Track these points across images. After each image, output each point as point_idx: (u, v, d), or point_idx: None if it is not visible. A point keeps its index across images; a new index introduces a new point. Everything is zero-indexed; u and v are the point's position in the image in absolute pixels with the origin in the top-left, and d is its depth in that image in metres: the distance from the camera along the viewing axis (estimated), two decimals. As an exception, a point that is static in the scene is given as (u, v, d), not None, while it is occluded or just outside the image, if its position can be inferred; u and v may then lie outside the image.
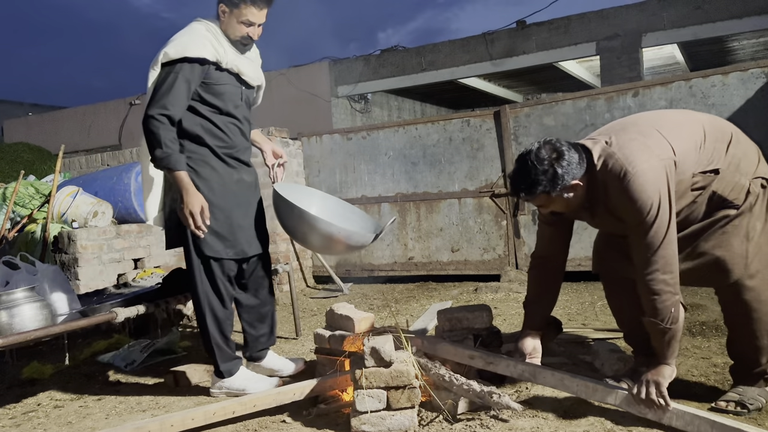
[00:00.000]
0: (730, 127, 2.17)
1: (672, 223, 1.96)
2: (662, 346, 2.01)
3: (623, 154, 2.01)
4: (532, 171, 2.03)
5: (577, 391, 2.12)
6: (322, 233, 2.63)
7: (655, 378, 2.00)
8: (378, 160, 6.20)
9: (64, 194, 4.91)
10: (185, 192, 2.49)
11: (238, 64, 2.66)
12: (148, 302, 3.00)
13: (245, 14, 2.58)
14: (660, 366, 2.02)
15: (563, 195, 2.07)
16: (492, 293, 4.97)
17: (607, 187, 2.05)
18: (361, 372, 2.18)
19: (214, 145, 2.65)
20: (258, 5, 2.59)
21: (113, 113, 14.28)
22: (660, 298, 1.96)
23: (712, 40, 9.91)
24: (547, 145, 2.06)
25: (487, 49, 10.71)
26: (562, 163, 2.02)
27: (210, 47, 2.57)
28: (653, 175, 1.95)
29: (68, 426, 2.60)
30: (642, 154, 1.99)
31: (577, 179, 2.05)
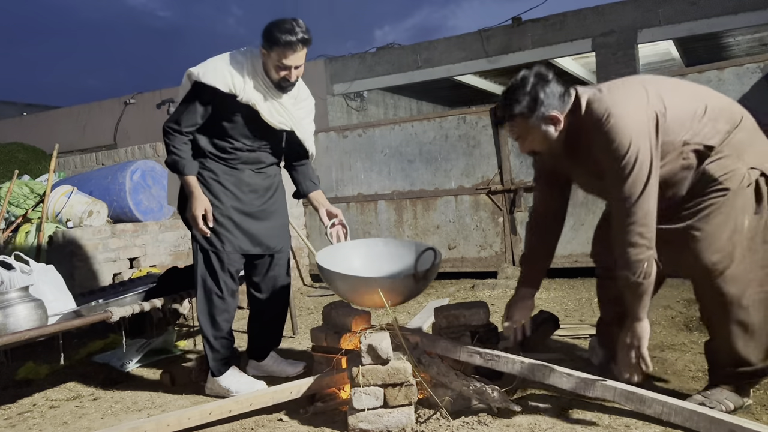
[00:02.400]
0: (742, 112, 2.11)
1: (653, 176, 1.92)
2: (634, 300, 1.99)
3: (610, 98, 1.99)
4: (516, 92, 2.03)
5: (576, 387, 2.11)
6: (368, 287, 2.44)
7: (634, 341, 1.99)
8: (374, 157, 6.19)
9: (58, 194, 4.89)
10: (191, 195, 2.63)
11: (258, 102, 2.61)
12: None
13: (280, 58, 2.53)
14: (634, 325, 2.00)
15: (541, 126, 2.05)
16: (489, 290, 4.97)
17: (589, 131, 2.01)
18: (358, 369, 2.17)
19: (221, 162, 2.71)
20: (293, 48, 2.51)
21: (108, 112, 14.22)
22: (634, 250, 1.93)
23: (708, 36, 9.91)
24: (536, 71, 2.06)
25: (483, 46, 10.70)
26: (546, 89, 2.01)
27: (227, 78, 2.55)
28: (636, 119, 1.93)
29: (64, 426, 2.58)
30: (628, 99, 1.97)
31: (558, 112, 2.04)
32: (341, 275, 2.47)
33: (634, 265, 1.94)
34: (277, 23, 2.51)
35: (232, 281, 2.75)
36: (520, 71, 2.08)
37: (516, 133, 2.12)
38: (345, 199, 6.35)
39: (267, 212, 2.82)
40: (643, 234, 1.92)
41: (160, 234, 5.16)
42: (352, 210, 6.34)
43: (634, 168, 1.91)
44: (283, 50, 2.50)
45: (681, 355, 2.81)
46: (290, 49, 2.51)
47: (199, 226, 2.62)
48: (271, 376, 2.92)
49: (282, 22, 2.50)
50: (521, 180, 5.52)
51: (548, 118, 2.03)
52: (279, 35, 2.47)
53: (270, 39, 2.50)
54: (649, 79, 2.12)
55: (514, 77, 2.09)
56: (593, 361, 2.67)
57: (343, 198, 6.36)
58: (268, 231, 2.81)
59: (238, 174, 2.71)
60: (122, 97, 14.18)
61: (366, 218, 6.28)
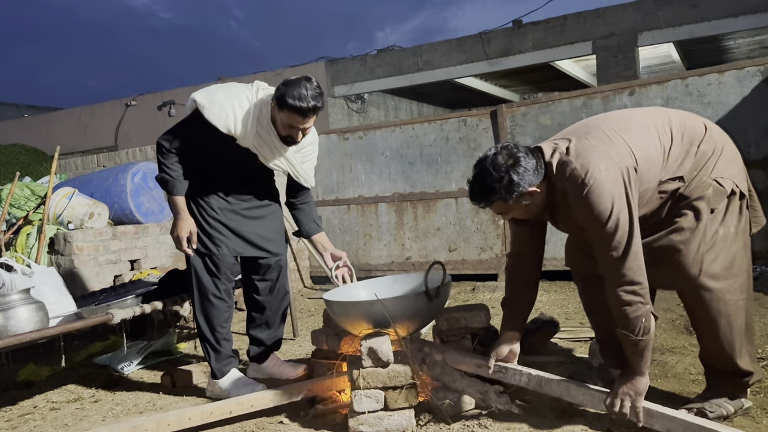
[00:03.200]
0: (702, 124, 2.11)
1: (635, 233, 1.92)
2: (635, 357, 1.97)
3: (580, 163, 1.97)
4: (488, 178, 2.01)
5: (583, 400, 2.10)
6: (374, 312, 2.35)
7: (631, 392, 1.96)
8: (375, 160, 6.20)
9: (59, 196, 4.89)
10: (177, 216, 2.66)
11: (257, 147, 2.59)
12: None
13: (287, 119, 2.49)
14: (635, 378, 1.97)
15: (521, 202, 2.05)
16: (489, 292, 4.97)
17: (566, 194, 2.02)
18: (359, 372, 2.18)
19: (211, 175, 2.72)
20: (303, 115, 2.47)
21: (109, 114, 14.24)
22: (630, 308, 1.92)
23: (708, 38, 9.92)
24: (503, 150, 2.03)
25: (484, 49, 10.71)
26: (519, 170, 1.99)
27: (229, 121, 2.52)
28: (611, 185, 1.92)
29: (64, 428, 2.59)
30: (600, 162, 1.95)
31: (534, 186, 2.02)
32: (350, 303, 2.45)
33: (633, 323, 1.92)
34: (290, 85, 2.45)
35: (227, 283, 2.76)
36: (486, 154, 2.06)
37: (496, 212, 2.14)
38: (345, 201, 6.36)
39: (259, 214, 2.82)
40: (636, 291, 1.92)
41: (161, 236, 5.17)
42: (352, 212, 6.35)
43: (617, 231, 1.91)
44: (293, 115, 2.46)
45: (681, 358, 2.81)
46: (300, 115, 2.46)
47: (183, 248, 2.65)
48: (272, 378, 2.92)
49: (295, 86, 2.44)
50: (522, 182, 5.52)
51: (526, 195, 2.04)
52: (290, 101, 2.42)
53: (281, 101, 2.46)
54: (610, 126, 2.09)
55: (482, 161, 2.06)
56: (593, 364, 2.67)
57: (344, 200, 6.37)
58: (261, 233, 2.81)
59: (227, 183, 2.74)
60: (123, 99, 14.20)
61: (366, 220, 6.29)
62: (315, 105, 2.45)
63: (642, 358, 1.96)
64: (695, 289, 2.03)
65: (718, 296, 2.02)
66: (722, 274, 2.02)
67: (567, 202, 2.03)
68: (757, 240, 4.63)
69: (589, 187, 1.93)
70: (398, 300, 2.33)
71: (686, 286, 2.05)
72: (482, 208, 2.13)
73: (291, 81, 2.47)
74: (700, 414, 2.01)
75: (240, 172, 2.72)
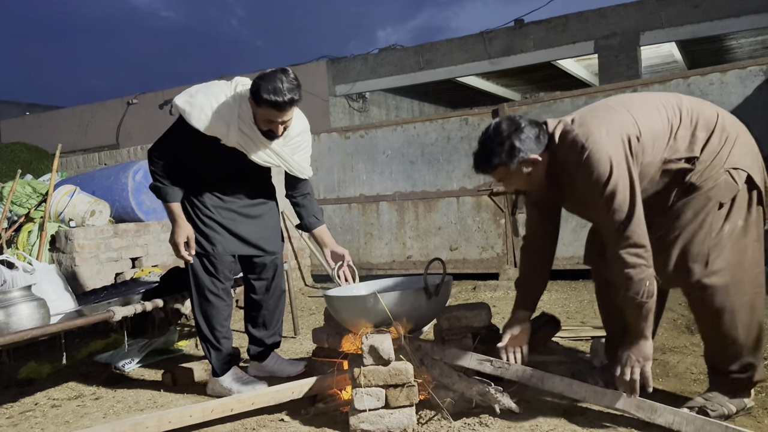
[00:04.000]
0: (717, 111, 2.10)
1: (637, 198, 1.93)
2: (640, 321, 1.98)
3: (582, 130, 2.00)
4: (491, 144, 2.06)
5: (585, 396, 2.10)
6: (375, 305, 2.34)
7: (639, 358, 1.97)
8: (376, 159, 6.19)
9: (61, 193, 4.90)
10: (174, 223, 2.66)
11: (243, 144, 2.56)
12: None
13: (267, 115, 2.45)
14: (640, 343, 1.99)
15: (522, 170, 2.07)
16: (491, 291, 4.97)
17: (568, 164, 2.03)
18: (360, 370, 2.17)
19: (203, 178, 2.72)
20: (280, 109, 2.41)
21: (111, 113, 14.25)
22: (635, 271, 1.92)
23: (711, 38, 9.92)
24: (506, 119, 2.08)
25: (485, 48, 10.71)
26: (521, 135, 2.03)
27: (212, 122, 2.49)
28: (610, 148, 1.93)
29: (65, 425, 2.59)
30: (600, 128, 1.98)
31: (536, 154, 2.05)
32: (350, 299, 2.45)
33: (637, 286, 1.93)
34: (265, 79, 2.38)
35: (225, 282, 2.76)
36: (489, 124, 2.12)
37: (498, 179, 2.15)
38: (347, 200, 6.36)
39: (254, 212, 2.81)
40: (640, 254, 1.93)
41: (162, 234, 5.17)
42: (353, 211, 6.35)
43: (617, 195, 1.92)
44: (269, 110, 2.41)
45: (683, 357, 2.81)
46: (276, 109, 2.41)
47: (181, 253, 2.64)
48: (273, 376, 2.92)
49: (270, 80, 2.37)
50: (523, 182, 5.52)
51: (527, 162, 2.06)
52: (265, 95, 2.36)
53: (256, 97, 2.39)
54: (617, 101, 2.12)
55: (486, 130, 2.11)
56: (595, 363, 2.67)
57: (345, 199, 6.37)
58: (257, 232, 2.80)
59: (221, 183, 2.73)
60: (125, 98, 14.21)
61: (368, 219, 6.29)
62: (291, 98, 2.39)
63: (646, 322, 1.97)
64: (699, 285, 2.02)
65: (722, 293, 2.00)
66: (728, 271, 2.00)
67: (570, 174, 2.03)
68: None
69: (589, 151, 1.95)
70: (397, 296, 2.33)
71: (690, 281, 2.03)
72: (486, 174, 2.15)
73: (266, 75, 2.41)
74: (701, 412, 2.01)
75: (233, 171, 2.70)
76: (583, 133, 1.99)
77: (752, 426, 2.01)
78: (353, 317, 2.41)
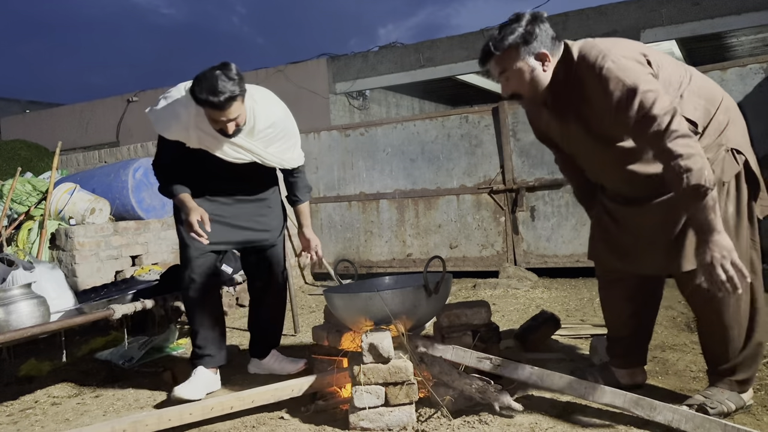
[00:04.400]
0: (723, 94, 2.09)
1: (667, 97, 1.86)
2: (708, 214, 1.81)
3: (604, 45, 1.96)
4: (509, 25, 2.02)
5: (585, 394, 2.10)
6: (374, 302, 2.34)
7: (724, 253, 1.80)
8: (376, 156, 6.19)
9: (61, 191, 4.90)
10: (185, 207, 2.62)
11: (209, 146, 2.54)
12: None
13: (211, 114, 2.40)
14: (718, 238, 1.80)
15: (529, 63, 2.01)
16: (490, 289, 4.97)
17: (583, 79, 1.96)
18: (360, 368, 2.18)
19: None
20: (219, 108, 2.34)
21: (111, 110, 14.23)
22: (692, 161, 1.79)
23: (711, 36, 9.89)
24: (531, 11, 2.05)
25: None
26: (541, 26, 2.00)
27: (172, 129, 2.53)
28: (632, 62, 1.90)
29: (66, 423, 2.59)
30: (622, 46, 1.96)
31: (549, 52, 2.01)
32: (350, 297, 2.44)
33: (698, 175, 1.78)
34: (203, 79, 2.32)
35: (208, 278, 2.74)
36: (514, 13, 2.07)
37: (502, 67, 2.07)
38: (347, 198, 6.36)
39: (241, 203, 2.79)
40: (691, 144, 1.81)
41: (162, 232, 5.17)
42: (354, 209, 6.35)
43: (651, 93, 1.84)
44: (209, 110, 2.36)
45: (682, 355, 2.81)
46: (216, 109, 2.35)
47: (195, 229, 2.55)
48: (273, 374, 2.93)
49: (207, 79, 2.31)
50: (523, 179, 5.52)
51: (539, 55, 2.01)
52: (202, 96, 2.31)
53: (195, 98, 2.35)
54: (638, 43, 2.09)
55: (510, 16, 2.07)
56: (594, 361, 2.67)
57: (345, 197, 6.37)
58: (243, 224, 2.78)
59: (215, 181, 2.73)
60: (125, 95, 14.19)
61: (368, 217, 6.29)
62: (229, 96, 2.31)
63: (714, 213, 1.81)
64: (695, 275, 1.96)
65: None
66: None
67: (584, 88, 1.97)
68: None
69: (608, 62, 1.89)
70: (397, 294, 2.33)
71: (684, 268, 1.99)
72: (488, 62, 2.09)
73: (203, 75, 2.34)
74: (701, 410, 2.01)
75: (223, 170, 2.66)
76: (606, 47, 1.94)
77: (752, 424, 2.01)
78: (353, 315, 2.41)
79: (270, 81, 12.00)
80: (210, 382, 2.73)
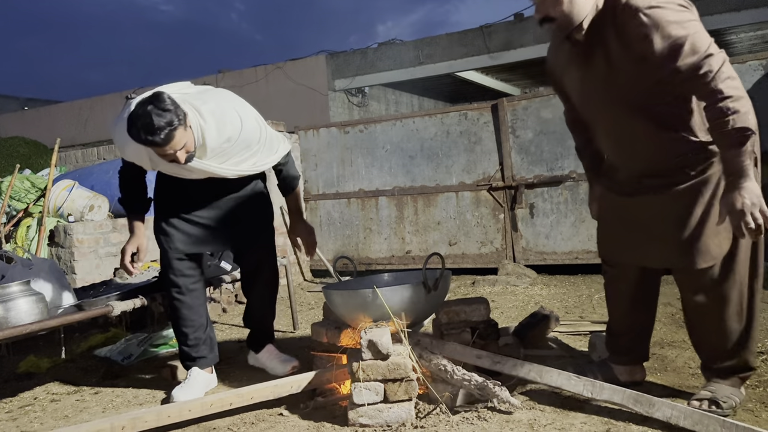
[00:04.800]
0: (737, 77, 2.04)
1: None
2: (744, 158, 1.79)
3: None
4: None
5: (583, 391, 2.11)
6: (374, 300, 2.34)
7: (753, 198, 1.77)
8: (375, 153, 6.19)
9: (60, 188, 4.90)
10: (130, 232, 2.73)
11: (165, 170, 2.52)
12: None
13: (155, 150, 2.33)
14: (747, 184, 1.78)
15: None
16: (489, 286, 4.98)
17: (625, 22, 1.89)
18: (358, 365, 2.18)
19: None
20: (159, 146, 2.26)
21: (110, 107, 14.21)
22: (740, 103, 1.77)
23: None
24: None
25: (485, 43, 10.68)
26: None
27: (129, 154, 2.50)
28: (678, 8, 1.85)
29: (65, 420, 2.59)
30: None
31: None
32: (348, 294, 2.43)
33: (744, 117, 1.77)
34: (134, 120, 2.23)
35: (193, 278, 2.72)
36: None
37: None
38: (346, 195, 6.36)
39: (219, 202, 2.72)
40: (739, 87, 1.80)
41: (161, 229, 5.17)
42: (353, 206, 6.35)
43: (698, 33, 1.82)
44: (153, 148, 2.30)
45: (681, 352, 2.81)
46: (159, 147, 2.27)
47: (124, 262, 2.66)
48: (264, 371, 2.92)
49: (138, 118, 2.22)
50: (522, 176, 5.52)
51: None
52: (140, 138, 2.23)
53: (136, 139, 2.26)
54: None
55: None
56: (593, 358, 2.67)
57: (344, 194, 6.37)
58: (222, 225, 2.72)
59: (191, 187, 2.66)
60: (124, 92, 14.15)
61: (367, 214, 6.29)
62: (168, 131, 2.22)
63: (750, 159, 1.80)
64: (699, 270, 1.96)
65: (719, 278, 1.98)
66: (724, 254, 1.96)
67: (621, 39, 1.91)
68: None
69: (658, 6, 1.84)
70: (396, 290, 2.33)
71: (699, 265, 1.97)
72: None
73: (135, 114, 2.24)
74: (713, 404, 2.01)
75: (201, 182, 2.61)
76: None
77: (750, 420, 2.02)
78: (352, 312, 2.41)
79: (269, 78, 12.00)
80: (207, 381, 2.72)
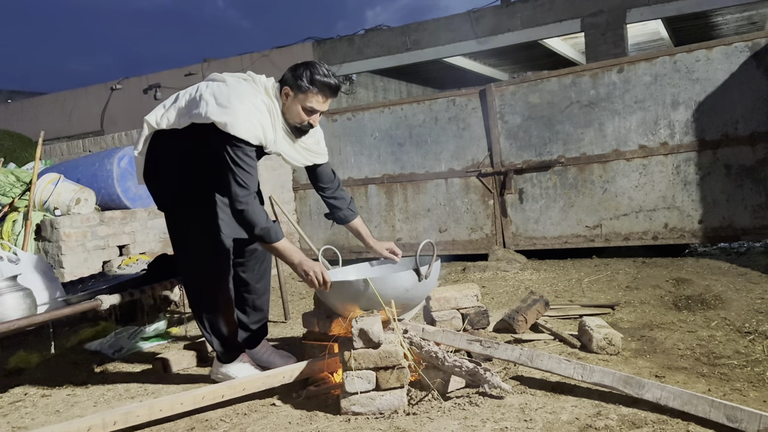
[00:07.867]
0: None
1: None
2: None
3: None
4: None
5: (574, 374, 2.13)
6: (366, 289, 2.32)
7: None
8: (364, 141, 6.17)
9: (45, 181, 4.84)
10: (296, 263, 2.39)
11: (283, 150, 2.54)
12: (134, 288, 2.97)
13: (311, 101, 2.44)
14: None
15: None
16: (480, 272, 4.99)
17: None
18: (350, 353, 2.18)
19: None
20: (325, 94, 2.47)
21: (95, 98, 14.06)
22: None
23: (696, 15, 9.91)
24: None
25: (472, 27, 10.63)
26: None
27: (258, 132, 2.36)
28: None
29: (56, 414, 2.58)
30: None
31: None
32: (339, 283, 2.39)
33: None
34: (311, 66, 2.44)
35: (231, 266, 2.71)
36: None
37: None
38: (335, 184, 6.33)
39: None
40: None
41: (149, 221, 5.13)
42: (342, 194, 6.33)
43: None
44: (318, 93, 2.44)
45: (670, 333, 2.84)
46: (323, 94, 2.46)
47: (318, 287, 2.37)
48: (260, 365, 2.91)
49: (316, 66, 2.45)
50: (511, 162, 5.52)
51: None
52: (320, 78, 2.42)
53: (312, 81, 2.42)
54: None
55: None
56: (583, 341, 2.69)
57: (334, 182, 6.34)
58: None
59: None
60: (109, 83, 14.02)
61: (356, 203, 6.26)
62: (339, 85, 2.51)
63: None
64: None
65: None
66: None
67: None
68: (744, 215, 4.66)
69: None
70: (387, 279, 2.33)
71: None
72: None
73: (307, 63, 2.47)
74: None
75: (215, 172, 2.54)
76: None
77: (738, 399, 2.04)
78: (343, 301, 2.40)
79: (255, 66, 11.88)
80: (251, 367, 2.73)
